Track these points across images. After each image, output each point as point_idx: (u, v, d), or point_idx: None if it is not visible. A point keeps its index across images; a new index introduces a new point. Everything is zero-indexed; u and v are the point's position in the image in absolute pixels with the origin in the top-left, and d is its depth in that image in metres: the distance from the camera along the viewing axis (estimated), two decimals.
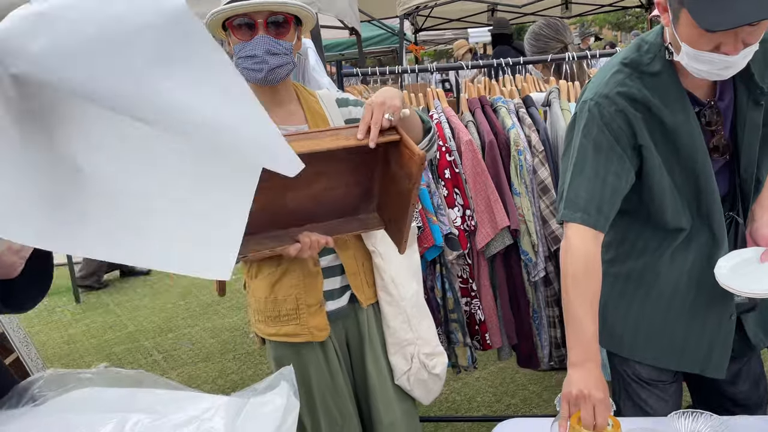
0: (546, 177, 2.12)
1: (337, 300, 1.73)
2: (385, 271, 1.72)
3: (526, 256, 2.16)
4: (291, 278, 1.68)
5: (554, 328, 2.27)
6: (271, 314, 1.73)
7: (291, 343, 1.73)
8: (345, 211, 1.61)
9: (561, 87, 2.26)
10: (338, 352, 1.76)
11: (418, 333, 1.75)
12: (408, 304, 1.74)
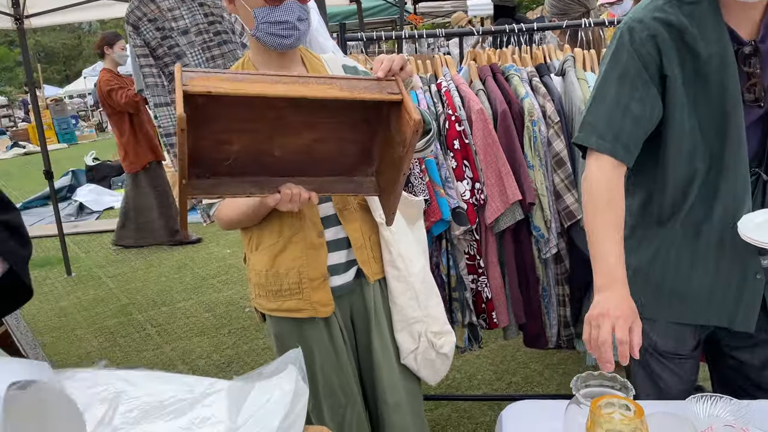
0: (561, 149, 2.02)
1: (342, 275, 1.64)
2: (393, 245, 1.63)
3: (538, 231, 2.07)
4: (293, 250, 1.59)
5: (564, 306, 2.20)
6: (272, 288, 1.64)
7: (293, 318, 1.65)
8: (339, 169, 1.49)
9: (576, 55, 2.14)
10: (343, 329, 1.68)
11: (426, 310, 1.67)
12: (416, 280, 1.65)
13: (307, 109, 1.37)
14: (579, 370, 3.05)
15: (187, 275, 4.87)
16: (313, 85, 1.32)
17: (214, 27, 2.80)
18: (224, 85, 1.26)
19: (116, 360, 3.55)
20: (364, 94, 1.32)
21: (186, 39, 2.79)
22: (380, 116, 1.40)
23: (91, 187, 7.65)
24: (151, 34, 2.84)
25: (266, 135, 1.38)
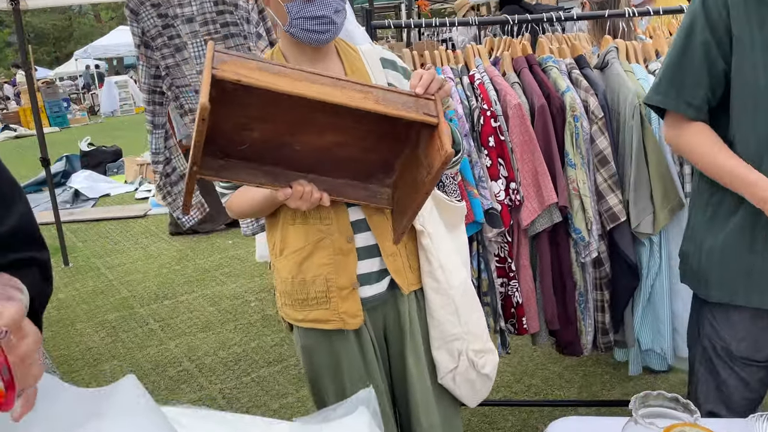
0: (605, 147, 1.89)
1: (374, 285, 1.52)
2: (433, 254, 1.50)
3: (578, 234, 1.95)
4: (321, 256, 1.48)
5: (602, 312, 2.08)
6: (299, 297, 1.53)
7: (322, 330, 1.53)
8: (356, 174, 1.43)
9: (619, 45, 2.01)
10: (375, 343, 1.56)
11: (467, 326, 1.54)
12: (457, 293, 1.53)
13: (337, 112, 1.28)
14: (598, 372, 2.96)
15: (188, 267, 4.74)
16: (349, 91, 1.24)
17: (222, 17, 2.63)
18: (257, 75, 1.17)
19: (119, 356, 3.43)
20: (400, 110, 1.24)
21: (189, 28, 2.63)
22: (410, 134, 1.33)
23: (87, 174, 7.48)
24: (152, 21, 2.68)
25: (289, 128, 1.30)
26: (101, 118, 16.92)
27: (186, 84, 2.78)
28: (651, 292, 2.07)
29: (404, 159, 1.39)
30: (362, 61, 1.50)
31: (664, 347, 2.08)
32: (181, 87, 2.80)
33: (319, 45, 1.41)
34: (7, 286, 0.81)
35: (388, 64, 1.53)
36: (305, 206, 1.33)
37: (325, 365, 1.56)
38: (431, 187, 1.29)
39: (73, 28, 32.96)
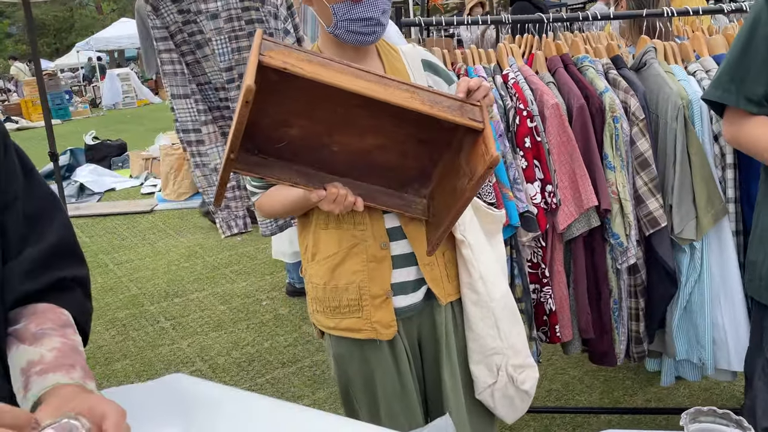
0: (646, 149, 1.84)
1: (410, 294, 1.47)
2: (474, 265, 1.45)
3: (617, 239, 1.89)
4: (354, 263, 1.43)
5: (636, 321, 2.03)
6: (331, 304, 1.48)
7: (354, 339, 1.48)
8: (392, 182, 1.38)
9: (657, 46, 1.96)
10: (409, 354, 1.51)
11: (507, 341, 1.49)
12: (497, 306, 1.47)
13: (379, 112, 1.24)
14: (619, 377, 2.91)
15: (197, 264, 4.68)
16: (394, 89, 1.19)
17: (248, 14, 2.56)
18: (304, 65, 1.13)
19: (131, 356, 3.38)
20: (446, 113, 1.19)
21: (214, 24, 2.54)
22: (452, 141, 1.29)
23: (92, 168, 7.40)
24: (172, 17, 2.59)
25: (328, 128, 1.27)
26: (103, 111, 16.82)
27: (206, 81, 2.72)
28: (689, 301, 2.01)
29: (443, 167, 1.34)
30: (403, 62, 1.45)
31: (703, 357, 2.02)
32: (202, 85, 2.74)
33: (359, 45, 1.36)
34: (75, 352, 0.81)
35: (430, 66, 1.48)
36: (338, 210, 1.29)
37: (357, 375, 1.51)
38: (473, 194, 1.24)
39: (74, 20, 32.80)
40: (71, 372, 0.79)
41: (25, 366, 0.79)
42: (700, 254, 1.95)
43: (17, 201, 0.86)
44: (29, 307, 0.86)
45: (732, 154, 1.89)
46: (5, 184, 0.85)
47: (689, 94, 1.86)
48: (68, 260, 0.92)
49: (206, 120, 2.74)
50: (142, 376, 3.17)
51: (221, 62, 2.58)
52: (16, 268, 0.85)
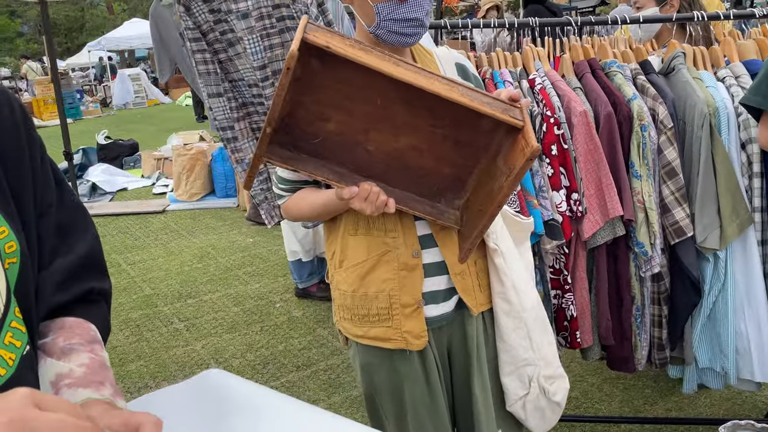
0: (674, 158, 1.81)
1: (441, 304, 1.45)
2: (507, 274, 1.42)
3: (641, 248, 1.87)
4: (384, 270, 1.40)
5: (659, 328, 2.00)
6: (359, 312, 1.45)
7: (382, 348, 1.46)
8: (425, 189, 1.35)
9: (687, 50, 1.93)
10: (438, 364, 1.48)
11: (539, 352, 1.47)
12: (529, 316, 1.45)
13: (416, 108, 1.23)
14: (639, 385, 2.88)
15: (210, 265, 4.68)
16: (434, 80, 1.17)
17: (278, 11, 2.55)
18: (346, 48, 1.12)
19: (145, 357, 3.37)
20: (485, 107, 1.17)
21: (245, 23, 2.54)
22: (490, 144, 1.26)
23: (104, 167, 7.42)
24: (203, 17, 2.60)
25: (365, 124, 1.25)
26: (113, 110, 16.89)
27: (239, 78, 2.72)
28: (712, 309, 1.99)
29: (478, 175, 1.32)
30: (437, 66, 1.43)
31: (726, 366, 2.00)
32: (234, 81, 2.74)
33: (400, 46, 1.34)
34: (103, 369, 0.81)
35: (462, 71, 1.46)
36: (369, 209, 1.25)
37: (385, 385, 1.49)
38: (510, 190, 1.20)
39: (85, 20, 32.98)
40: (101, 389, 0.79)
41: (54, 379, 0.79)
42: (724, 263, 1.93)
43: (51, 210, 0.86)
44: (57, 321, 0.86)
45: (759, 163, 1.87)
46: (41, 194, 0.85)
47: (717, 102, 1.84)
48: (95, 272, 0.93)
49: (238, 117, 2.78)
50: (157, 378, 3.17)
51: (254, 61, 2.58)
52: (48, 279, 0.85)
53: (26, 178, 0.82)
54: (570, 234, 1.88)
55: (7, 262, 0.74)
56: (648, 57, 1.98)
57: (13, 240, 0.75)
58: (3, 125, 0.81)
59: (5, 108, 0.82)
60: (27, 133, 0.83)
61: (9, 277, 0.74)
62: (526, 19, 1.92)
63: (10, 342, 0.73)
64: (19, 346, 0.74)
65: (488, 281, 1.46)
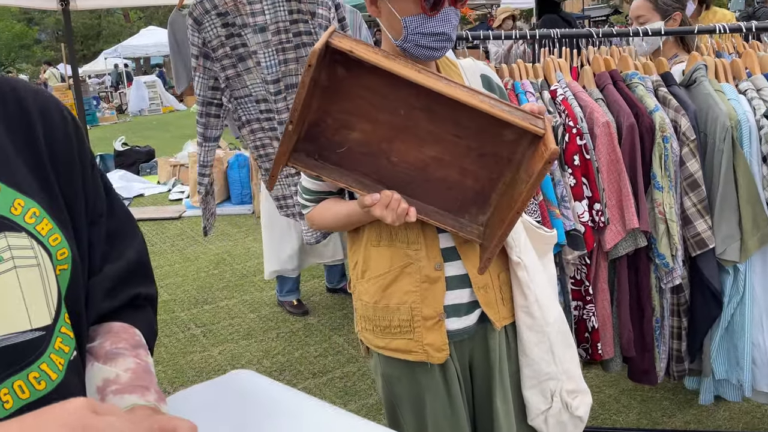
0: (696, 170, 1.82)
1: (463, 317, 1.44)
2: (530, 288, 1.41)
3: (663, 260, 1.87)
4: (406, 283, 1.41)
5: (678, 340, 2.00)
6: (381, 324, 1.45)
7: (404, 360, 1.46)
8: (448, 203, 1.35)
9: (708, 63, 1.94)
10: (460, 377, 1.48)
11: (562, 365, 1.46)
12: (552, 330, 1.44)
13: (439, 117, 1.24)
14: (657, 396, 2.86)
15: (226, 271, 4.71)
16: (456, 88, 1.18)
17: (296, 27, 2.58)
18: (369, 53, 1.15)
19: (162, 362, 3.40)
20: (506, 114, 1.17)
21: (262, 37, 2.57)
22: (513, 156, 1.26)
23: (121, 173, 7.51)
24: (215, 32, 2.63)
25: (389, 134, 1.27)
26: (129, 117, 17.07)
27: (246, 95, 2.74)
28: (730, 322, 1.98)
29: (502, 189, 1.31)
30: (462, 77, 1.44)
31: (742, 379, 1.99)
32: (240, 98, 2.76)
33: (425, 60, 1.34)
34: (148, 374, 0.84)
35: (488, 83, 1.46)
36: (390, 217, 1.25)
37: (406, 397, 1.49)
38: (529, 196, 1.19)
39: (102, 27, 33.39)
40: (146, 394, 0.80)
41: (101, 384, 0.81)
42: (744, 276, 1.92)
43: (102, 218, 0.88)
44: (104, 326, 0.88)
45: None
46: (93, 202, 0.87)
47: (738, 115, 1.84)
48: (143, 278, 0.94)
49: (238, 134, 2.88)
50: (174, 383, 3.19)
51: (268, 75, 2.60)
52: (98, 285, 0.87)
53: (78, 186, 0.84)
54: (592, 244, 1.89)
55: (59, 269, 0.76)
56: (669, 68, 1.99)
57: (65, 247, 0.77)
58: (55, 134, 0.83)
59: (56, 115, 0.84)
60: (78, 143, 0.85)
61: (60, 283, 0.76)
62: (548, 31, 1.94)
63: (60, 347, 0.75)
64: (67, 351, 0.76)
65: (511, 294, 1.46)
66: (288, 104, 2.71)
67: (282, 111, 2.71)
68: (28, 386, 0.70)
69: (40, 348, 0.72)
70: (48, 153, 0.80)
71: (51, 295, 0.74)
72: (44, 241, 0.75)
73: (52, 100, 0.85)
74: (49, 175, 0.80)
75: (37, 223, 0.75)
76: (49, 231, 0.76)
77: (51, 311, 0.74)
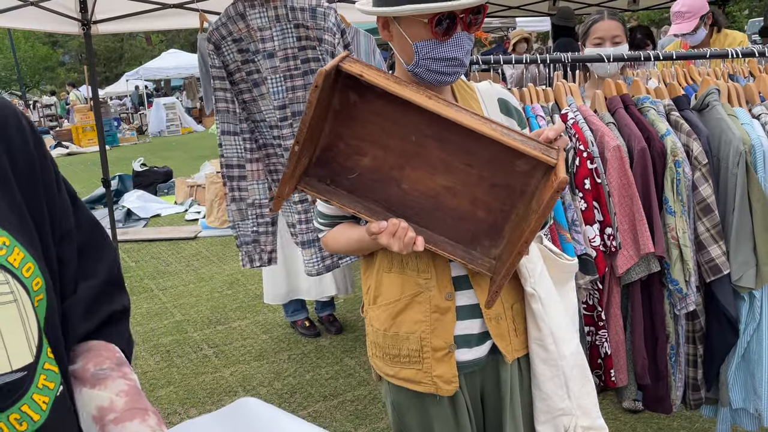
0: (709, 195, 1.79)
1: (474, 348, 1.41)
2: (544, 321, 1.38)
3: (676, 285, 1.84)
4: (416, 312, 1.38)
5: (694, 368, 1.96)
6: (390, 352, 1.44)
7: (413, 390, 1.44)
8: (460, 234, 1.32)
9: (721, 87, 1.92)
10: (470, 409, 1.45)
11: (577, 401, 1.42)
12: (567, 364, 1.40)
13: (451, 146, 1.23)
14: (674, 425, 2.80)
15: (239, 292, 4.72)
16: (466, 114, 1.17)
17: (304, 53, 2.61)
18: (379, 78, 1.15)
19: (174, 383, 3.40)
20: (516, 143, 1.15)
21: (270, 63, 2.61)
22: (526, 188, 1.23)
23: (139, 194, 7.60)
24: (232, 56, 2.69)
25: (400, 161, 1.26)
26: (149, 138, 17.33)
27: (261, 119, 2.77)
28: (747, 350, 1.94)
29: (515, 222, 1.28)
30: (478, 102, 1.42)
31: (760, 408, 1.94)
32: (257, 122, 2.79)
33: (437, 84, 1.33)
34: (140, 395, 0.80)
35: (505, 108, 1.43)
36: (397, 246, 1.22)
37: (415, 425, 1.47)
38: (537, 227, 1.15)
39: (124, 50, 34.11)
40: (146, 418, 0.77)
41: (96, 414, 0.78)
42: (760, 303, 1.89)
43: (71, 232, 0.85)
44: (83, 345, 0.85)
45: None
46: (60, 216, 0.83)
47: (752, 139, 1.82)
48: (117, 292, 0.91)
49: (252, 158, 2.83)
50: (186, 404, 3.19)
51: (275, 100, 2.63)
52: (74, 309, 0.83)
53: (42, 201, 0.78)
54: (604, 269, 1.87)
55: (36, 300, 0.72)
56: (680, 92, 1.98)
57: (39, 276, 0.72)
58: (15, 146, 0.75)
59: (13, 122, 0.76)
60: (38, 150, 0.79)
61: (39, 314, 0.72)
62: (558, 55, 1.94)
63: (44, 385, 0.71)
64: (53, 387, 0.72)
65: (525, 326, 1.42)
66: (294, 131, 2.73)
67: (287, 137, 2.73)
68: (10, 428, 0.67)
69: (22, 389, 0.68)
70: (11, 169, 0.74)
71: (31, 331, 0.69)
72: (18, 273, 0.69)
73: (9, 108, 0.78)
74: (15, 195, 0.74)
75: (8, 254, 0.69)
76: (21, 261, 0.70)
77: (32, 348, 0.69)
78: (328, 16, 2.57)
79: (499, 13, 8.18)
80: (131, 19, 4.47)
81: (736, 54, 1.92)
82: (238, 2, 2.63)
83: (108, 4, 4.22)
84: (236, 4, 2.64)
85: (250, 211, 2.93)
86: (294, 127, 2.72)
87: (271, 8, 2.57)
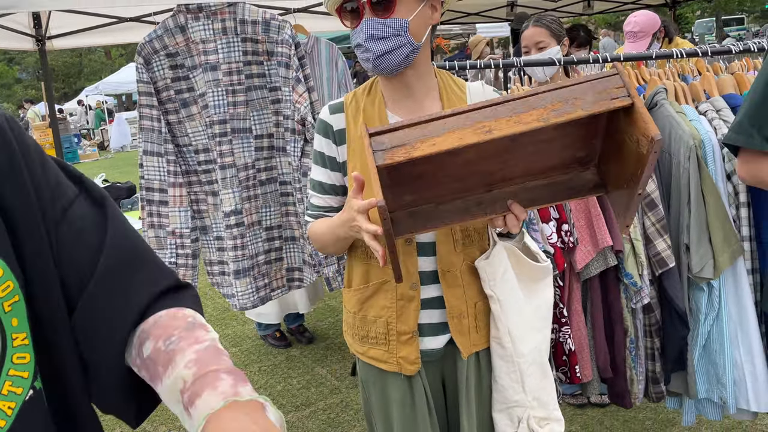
0: (653, 190, 1.85)
1: (434, 338, 1.46)
2: (502, 321, 1.42)
3: (630, 279, 1.89)
4: (383, 298, 1.45)
5: (653, 361, 2.01)
6: (360, 332, 1.51)
7: (377, 368, 1.50)
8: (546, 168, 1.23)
9: (668, 86, 1.99)
10: (428, 394, 1.49)
11: (532, 394, 1.46)
12: (524, 361, 1.44)
13: (496, 153, 1.18)
14: (639, 417, 2.86)
15: (207, 306, 4.67)
16: (502, 119, 1.08)
17: (248, 68, 2.53)
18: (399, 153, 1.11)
19: None
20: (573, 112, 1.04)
21: (212, 76, 2.50)
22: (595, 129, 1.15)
23: None
24: (161, 73, 2.54)
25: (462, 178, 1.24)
26: (111, 153, 17.03)
27: (186, 144, 2.63)
28: (708, 339, 2.00)
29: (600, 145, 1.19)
30: (465, 102, 1.41)
31: (725, 396, 2.00)
32: (180, 147, 2.65)
33: (384, 75, 1.36)
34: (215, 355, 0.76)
35: None
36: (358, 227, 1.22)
37: (377, 403, 1.53)
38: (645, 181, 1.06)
39: (83, 65, 33.52)
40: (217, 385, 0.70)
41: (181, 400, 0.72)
42: (718, 292, 1.95)
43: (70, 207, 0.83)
44: (149, 320, 0.80)
45: (745, 193, 1.91)
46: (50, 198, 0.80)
47: (702, 135, 1.89)
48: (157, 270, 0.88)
49: (176, 182, 2.61)
50: (155, 421, 3.14)
51: (215, 114, 2.53)
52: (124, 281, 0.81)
53: (27, 191, 0.75)
54: (563, 266, 1.91)
55: (6, 306, 0.70)
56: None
57: (9, 279, 0.70)
58: None
59: None
60: (20, 145, 0.76)
61: (5, 322, 0.70)
62: (511, 60, 1.99)
63: (9, 391, 0.71)
64: (20, 392, 0.72)
65: (487, 321, 1.46)
66: (233, 148, 2.57)
67: (226, 154, 2.56)
68: None
69: None
70: None
71: None
72: None
73: None
74: None
75: None
76: None
77: None
78: (283, 29, 2.54)
79: (460, 20, 8.28)
80: (87, 34, 4.40)
81: (681, 54, 1.99)
82: (179, 14, 2.50)
83: (63, 19, 4.15)
84: (177, 16, 2.50)
85: (170, 240, 2.66)
86: (233, 145, 2.56)
87: (218, 21, 2.49)
